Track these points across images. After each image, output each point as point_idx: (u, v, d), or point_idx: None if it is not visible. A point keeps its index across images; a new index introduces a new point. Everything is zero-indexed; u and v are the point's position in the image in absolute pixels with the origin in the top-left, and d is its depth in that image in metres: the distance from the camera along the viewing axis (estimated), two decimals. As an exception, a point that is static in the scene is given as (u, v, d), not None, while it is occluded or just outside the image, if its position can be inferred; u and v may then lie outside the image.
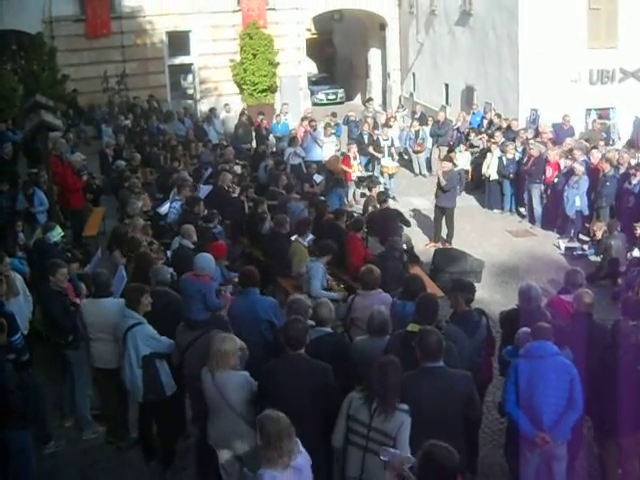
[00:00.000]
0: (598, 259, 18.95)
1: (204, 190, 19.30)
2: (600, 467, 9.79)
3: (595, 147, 22.85)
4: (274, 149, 27.52)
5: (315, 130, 27.20)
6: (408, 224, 18.47)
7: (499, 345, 10.89)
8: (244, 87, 37.68)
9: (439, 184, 20.95)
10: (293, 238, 15.31)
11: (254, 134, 29.87)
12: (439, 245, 20.66)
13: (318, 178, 23.59)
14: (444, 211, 21.13)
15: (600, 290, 15.80)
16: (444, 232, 21.24)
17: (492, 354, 10.87)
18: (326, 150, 25.86)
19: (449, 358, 8.30)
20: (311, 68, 49.57)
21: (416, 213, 23.59)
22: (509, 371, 8.94)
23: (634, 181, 20.12)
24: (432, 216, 21.80)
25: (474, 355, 9.82)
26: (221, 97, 37.35)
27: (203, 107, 37.08)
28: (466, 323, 10.09)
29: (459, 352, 8.91)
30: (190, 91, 39.15)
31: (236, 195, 19.11)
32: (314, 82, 47.36)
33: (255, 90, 37.54)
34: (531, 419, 8.72)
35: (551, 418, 8.71)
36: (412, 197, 24.40)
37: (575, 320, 10.36)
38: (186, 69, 38.81)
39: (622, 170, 20.75)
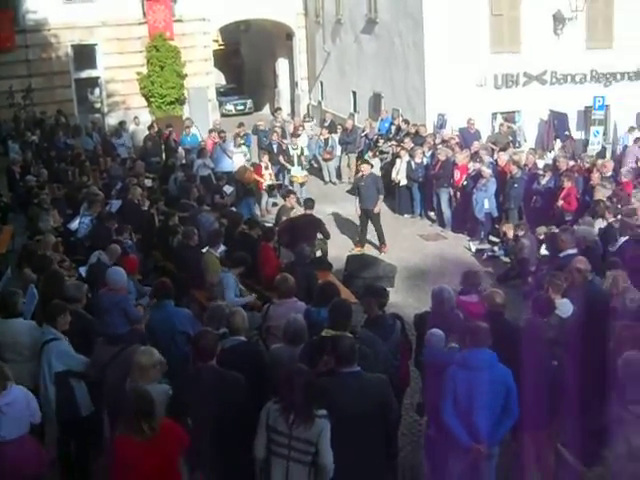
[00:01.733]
0: (509, 260, 19.27)
1: (115, 205, 19.15)
2: (517, 462, 9.92)
3: (502, 150, 23.23)
4: (183, 161, 27.38)
5: (224, 141, 27.15)
6: (328, 236, 18.50)
7: (415, 348, 10.99)
8: (152, 100, 37.36)
9: (358, 188, 21.12)
10: (205, 250, 15.28)
11: (163, 147, 29.68)
12: (364, 250, 20.89)
13: (228, 189, 23.55)
14: (369, 214, 21.24)
15: (511, 290, 16.01)
16: (370, 236, 21.47)
17: (408, 357, 10.97)
18: (236, 161, 25.83)
19: (365, 363, 8.33)
20: (219, 79, 49.48)
21: (332, 219, 23.69)
22: (446, 380, 8.92)
23: (543, 182, 20.53)
24: (342, 222, 21.93)
25: (390, 359, 9.87)
26: (129, 110, 36.99)
27: (111, 121, 36.72)
28: (380, 327, 10.16)
29: (375, 356, 8.96)
30: (98, 105, 38.66)
31: (146, 208, 19.01)
32: (222, 93, 47.33)
33: (163, 102, 37.25)
34: (467, 428, 8.80)
35: (487, 427, 8.80)
36: (323, 205, 24.51)
37: (486, 319, 10.49)
38: (93, 83, 38.31)
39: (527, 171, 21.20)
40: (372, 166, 22.40)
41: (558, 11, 29.27)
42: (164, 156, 29.08)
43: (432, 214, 24.14)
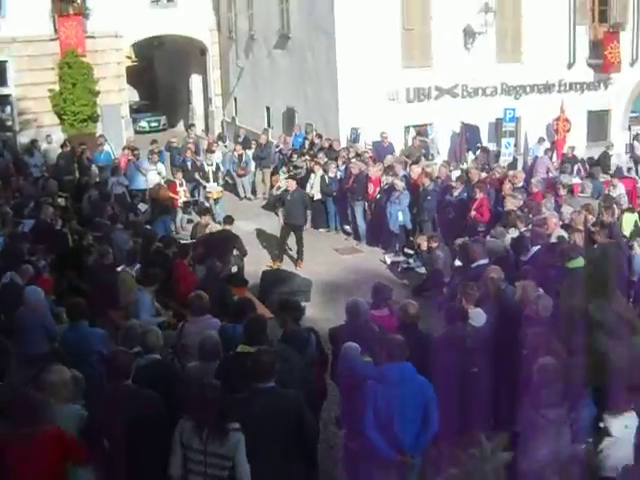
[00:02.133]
0: (424, 271, 19.42)
1: (27, 224, 18.89)
2: (437, 469, 10.02)
3: (414, 163, 23.47)
4: (97, 179, 27.09)
5: (138, 158, 26.97)
6: (244, 252, 18.48)
7: (331, 361, 11.02)
8: (64, 117, 36.82)
9: (284, 203, 21.14)
10: (120, 268, 15.17)
11: (76, 165, 29.31)
12: (282, 265, 20.89)
13: (143, 207, 23.42)
14: (295, 229, 21.28)
15: (426, 301, 16.14)
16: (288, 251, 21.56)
17: (324, 371, 11.00)
18: (150, 178, 25.63)
19: (280, 377, 8.36)
20: (133, 96, 49.06)
21: (249, 235, 23.61)
22: (366, 395, 8.93)
23: (455, 193, 20.78)
24: (259, 237, 21.93)
25: (306, 373, 9.89)
26: (42, 128, 36.38)
27: (23, 139, 36.08)
28: (296, 342, 10.19)
29: (290, 371, 8.98)
30: (9, 123, 37.99)
31: (59, 228, 18.80)
32: (136, 110, 46.91)
33: (76, 120, 36.74)
34: (389, 441, 8.83)
35: (409, 439, 8.87)
36: (239, 221, 24.46)
37: (401, 331, 10.57)
38: (4, 101, 37.69)
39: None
40: (300, 184, 22.55)
41: (468, 26, 29.72)
42: (77, 174, 28.68)
43: (347, 228, 24.28)
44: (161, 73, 51.59)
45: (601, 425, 9.25)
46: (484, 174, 22.55)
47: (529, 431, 8.92)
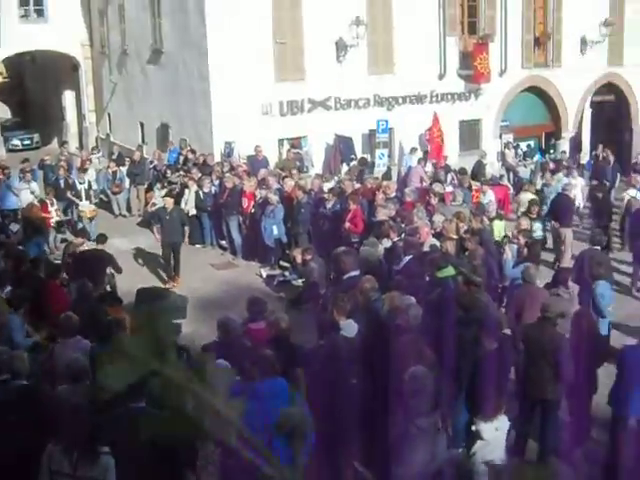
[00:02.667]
0: (300, 283, 19.53)
1: None
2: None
3: (287, 176, 23.58)
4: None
5: (9, 177, 26.41)
6: (119, 270, 18.29)
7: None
8: None
9: (161, 220, 20.96)
10: (-11, 291, 14.88)
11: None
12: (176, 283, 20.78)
13: (14, 227, 22.98)
14: (174, 247, 21.19)
15: (303, 314, 16.22)
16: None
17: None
18: (22, 198, 25.12)
19: (150, 397, 8.29)
20: (4, 113, 48.17)
21: (125, 252, 23.36)
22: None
23: (329, 205, 20.93)
24: (136, 255, 21.74)
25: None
26: None
27: None
28: (167, 360, 10.11)
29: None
30: None
31: None
32: (7, 128, 46.03)
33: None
34: (265, 457, 8.79)
35: (285, 454, 8.83)
36: (114, 238, 24.20)
37: (273, 345, 10.61)
38: None
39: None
40: (175, 200, 22.45)
41: (340, 39, 29.98)
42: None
43: (223, 243, 24.25)
44: (33, 89, 50.57)
45: (473, 429, 9.45)
46: (357, 185, 22.78)
47: (403, 441, 9.03)
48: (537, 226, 20.30)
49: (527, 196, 23.32)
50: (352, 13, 29.90)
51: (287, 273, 20.99)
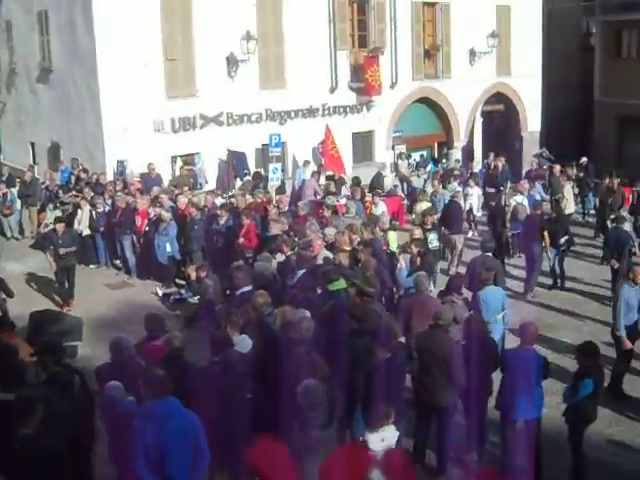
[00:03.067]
0: (196, 301, 19.43)
1: None
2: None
3: (180, 193, 23.47)
4: None
5: None
6: (10, 294, 17.95)
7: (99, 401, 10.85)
8: None
9: (53, 244, 20.62)
10: None
11: None
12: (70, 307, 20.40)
13: None
14: (68, 269, 20.77)
15: (198, 331, 16.14)
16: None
17: (92, 412, 10.80)
18: None
19: (44, 421, 8.20)
20: None
21: (18, 276, 22.97)
22: (134, 433, 8.86)
23: (222, 221, 20.91)
24: (29, 278, 21.40)
25: (71, 416, 9.70)
26: None
27: None
28: (58, 384, 10.00)
29: (52, 414, 8.77)
30: None
31: None
32: None
33: None
34: (162, 478, 8.80)
35: (183, 473, 8.86)
36: (7, 262, 23.80)
37: (166, 364, 10.56)
38: None
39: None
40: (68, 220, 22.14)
41: (231, 54, 29.96)
42: None
43: (117, 262, 24.02)
44: None
45: (361, 439, 9.52)
46: (250, 200, 22.81)
47: (299, 454, 9.06)
48: (432, 237, 20.42)
49: (422, 205, 23.61)
50: (243, 28, 29.97)
51: (183, 291, 20.90)
